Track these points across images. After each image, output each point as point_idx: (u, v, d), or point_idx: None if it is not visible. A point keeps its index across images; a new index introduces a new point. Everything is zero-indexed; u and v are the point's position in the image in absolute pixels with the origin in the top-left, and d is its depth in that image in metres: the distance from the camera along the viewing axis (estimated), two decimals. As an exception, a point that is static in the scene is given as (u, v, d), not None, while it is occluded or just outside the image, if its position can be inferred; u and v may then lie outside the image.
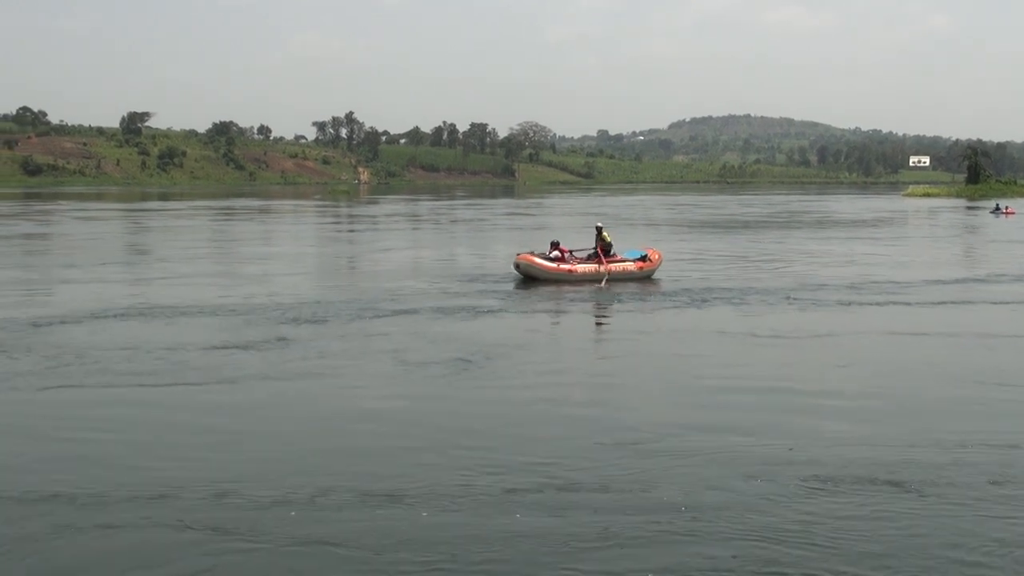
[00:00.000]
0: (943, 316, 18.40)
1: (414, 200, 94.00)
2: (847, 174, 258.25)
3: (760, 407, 11.36)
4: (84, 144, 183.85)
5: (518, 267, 23.28)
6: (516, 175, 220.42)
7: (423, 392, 12.23)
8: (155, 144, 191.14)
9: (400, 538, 7.40)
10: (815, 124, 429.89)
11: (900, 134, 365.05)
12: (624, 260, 24.04)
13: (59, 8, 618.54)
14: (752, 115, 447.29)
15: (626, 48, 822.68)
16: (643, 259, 24.22)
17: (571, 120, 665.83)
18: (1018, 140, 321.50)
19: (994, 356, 14.49)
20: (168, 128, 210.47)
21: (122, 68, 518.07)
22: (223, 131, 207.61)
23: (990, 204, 71.65)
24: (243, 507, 8.05)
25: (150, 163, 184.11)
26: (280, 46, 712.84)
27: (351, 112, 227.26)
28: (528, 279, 22.93)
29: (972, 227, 51.57)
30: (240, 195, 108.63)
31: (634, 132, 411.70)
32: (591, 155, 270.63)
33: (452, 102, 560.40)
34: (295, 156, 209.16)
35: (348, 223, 56.03)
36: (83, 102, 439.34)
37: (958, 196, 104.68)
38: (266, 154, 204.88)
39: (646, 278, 23.78)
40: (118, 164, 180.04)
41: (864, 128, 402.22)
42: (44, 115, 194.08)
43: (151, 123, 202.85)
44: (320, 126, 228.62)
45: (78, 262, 28.49)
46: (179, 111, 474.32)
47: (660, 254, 25.08)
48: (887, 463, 9.12)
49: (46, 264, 29.01)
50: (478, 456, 9.39)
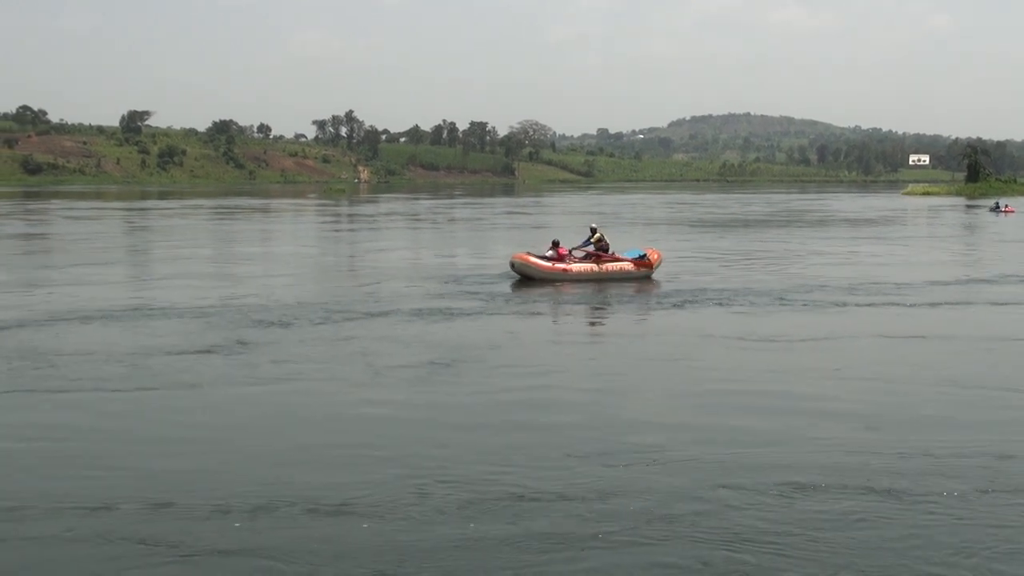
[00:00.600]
0: (939, 318, 18.12)
1: (412, 199, 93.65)
2: (847, 173, 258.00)
3: (745, 412, 11.14)
4: (84, 143, 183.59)
5: (513, 266, 23.18)
6: (516, 174, 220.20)
7: (388, 398, 11.88)
8: (155, 143, 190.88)
9: (343, 549, 7.19)
10: (815, 123, 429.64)
11: (900, 133, 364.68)
12: (622, 260, 23.88)
13: (59, 7, 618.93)
14: (752, 114, 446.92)
15: (626, 47, 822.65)
16: (641, 259, 23.99)
17: (571, 119, 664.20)
18: (1018, 139, 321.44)
19: (989, 360, 14.19)
20: (168, 127, 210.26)
21: (122, 67, 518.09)
22: (223, 130, 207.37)
23: (990, 202, 71.75)
24: (181, 517, 7.77)
25: (150, 162, 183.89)
26: (280, 45, 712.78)
27: (351, 111, 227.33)
28: (524, 278, 22.81)
29: (972, 226, 51.51)
30: (237, 194, 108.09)
31: (634, 131, 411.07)
32: (591, 154, 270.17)
33: (452, 101, 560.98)
34: (295, 155, 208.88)
35: (342, 222, 55.74)
36: (83, 101, 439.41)
37: (958, 195, 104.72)
38: (266, 153, 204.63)
39: (644, 278, 23.58)
40: (118, 163, 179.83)
41: (864, 127, 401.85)
42: (44, 114, 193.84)
43: (151, 122, 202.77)
44: (320, 125, 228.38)
45: (56, 263, 28.26)
46: (179, 110, 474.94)
47: (659, 254, 24.84)
48: (871, 470, 8.93)
49: (22, 265, 28.16)
50: (438, 464, 9.11)
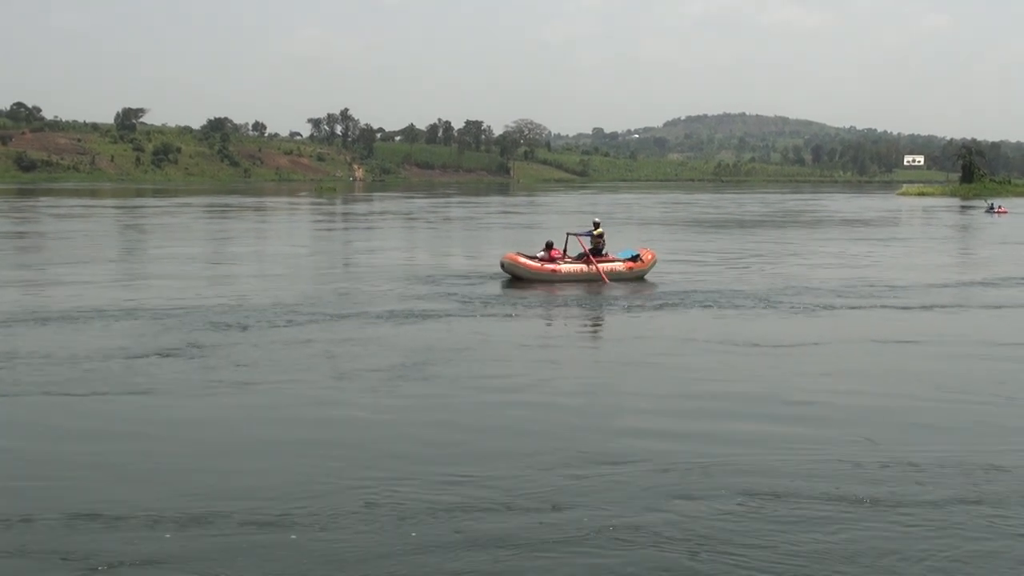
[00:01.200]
0: (930, 322, 17.76)
1: (404, 198, 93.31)
2: (842, 173, 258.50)
3: (722, 417, 10.82)
4: (78, 140, 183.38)
5: (503, 266, 22.95)
6: (511, 173, 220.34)
7: (344, 402, 11.43)
8: (149, 140, 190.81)
9: (273, 560, 6.94)
10: (810, 123, 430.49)
11: (895, 133, 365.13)
12: (614, 260, 23.53)
13: (54, 4, 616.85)
14: (747, 114, 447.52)
15: (622, 46, 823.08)
16: (634, 259, 23.61)
17: (566, 118, 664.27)
18: (1012, 140, 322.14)
19: (980, 366, 13.79)
20: (163, 124, 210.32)
21: (117, 64, 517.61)
22: (218, 127, 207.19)
23: (984, 203, 72.10)
24: (110, 529, 7.42)
25: (144, 159, 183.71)
26: (275, 43, 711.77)
27: (346, 109, 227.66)
28: (514, 279, 22.57)
29: (965, 227, 51.57)
30: (230, 192, 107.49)
31: (629, 130, 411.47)
32: (586, 153, 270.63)
33: (447, 100, 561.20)
34: (290, 153, 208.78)
35: (331, 221, 55.24)
36: (78, 98, 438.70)
37: (952, 195, 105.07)
38: (261, 151, 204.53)
39: (637, 279, 23.22)
40: (112, 160, 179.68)
41: (859, 127, 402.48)
42: (38, 111, 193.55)
43: (145, 119, 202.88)
44: (315, 123, 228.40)
45: (31, 262, 27.83)
46: (174, 107, 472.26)
47: (653, 254, 24.42)
48: (847, 477, 8.68)
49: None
50: (387, 471, 8.78)
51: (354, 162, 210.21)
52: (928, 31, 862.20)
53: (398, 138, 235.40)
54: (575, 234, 23.99)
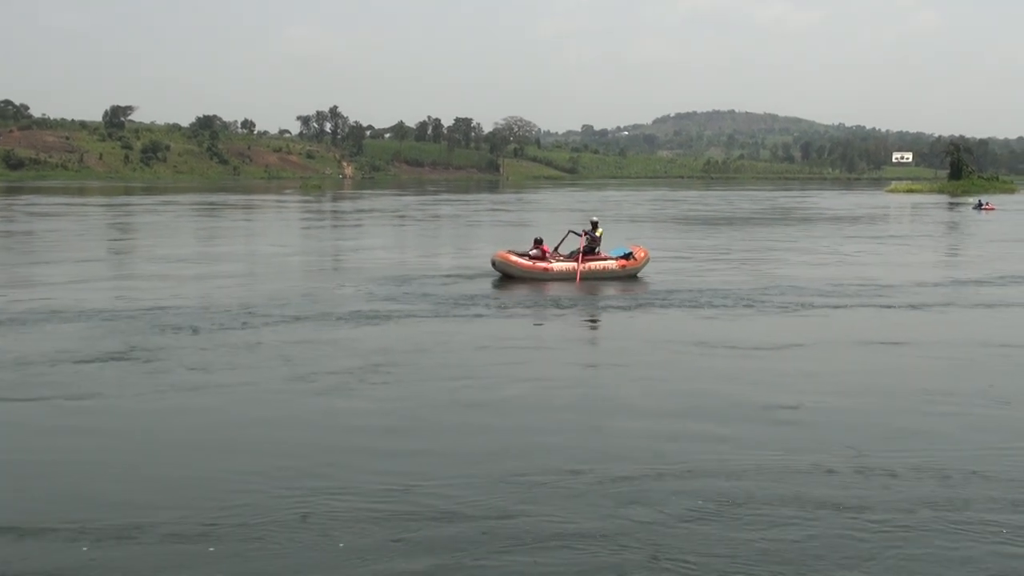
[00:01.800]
0: (916, 321, 17.45)
1: (388, 195, 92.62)
2: (831, 170, 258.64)
3: (690, 421, 10.48)
4: (67, 138, 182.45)
5: (495, 264, 22.77)
6: (501, 170, 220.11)
7: (288, 408, 11.01)
8: (138, 138, 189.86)
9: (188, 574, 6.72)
10: (799, 120, 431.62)
11: (883, 130, 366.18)
12: (606, 258, 23.24)
13: (42, 2, 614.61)
14: (736, 111, 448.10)
15: (611, 44, 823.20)
16: (627, 257, 23.29)
17: (556, 115, 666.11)
18: (1000, 136, 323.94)
19: (966, 368, 13.51)
20: (151, 122, 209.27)
21: (105, 62, 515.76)
22: (207, 125, 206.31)
23: (972, 200, 72.59)
24: (23, 544, 7.10)
25: (133, 157, 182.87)
26: (265, 40, 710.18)
27: (335, 106, 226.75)
28: (505, 277, 22.32)
29: (955, 224, 51.72)
30: (216, 190, 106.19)
31: (619, 127, 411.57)
32: (576, 150, 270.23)
33: (437, 97, 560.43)
34: (279, 150, 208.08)
35: (314, 220, 54.16)
36: (66, 96, 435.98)
37: (941, 192, 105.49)
38: (250, 148, 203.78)
39: (630, 277, 22.92)
40: (101, 158, 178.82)
41: (848, 124, 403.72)
42: (26, 108, 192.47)
43: (134, 117, 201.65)
44: (304, 120, 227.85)
45: None
46: (162, 105, 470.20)
47: (646, 252, 24.04)
48: (815, 482, 8.46)
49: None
50: (324, 480, 8.47)
51: (343, 159, 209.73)
52: (918, 29, 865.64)
53: (388, 135, 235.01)
54: (577, 232, 23.74)
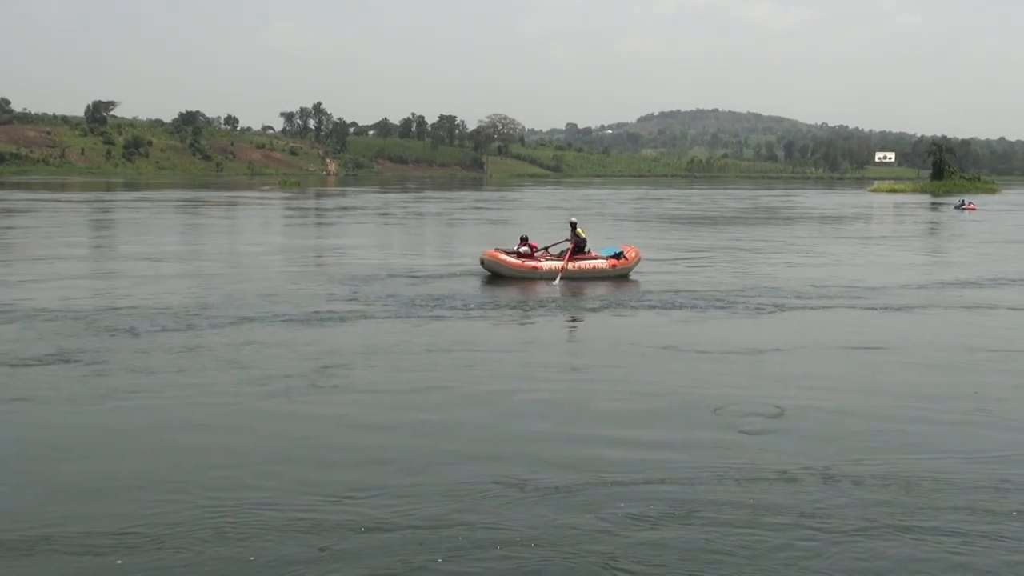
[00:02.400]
0: (896, 324, 17.18)
1: (372, 192, 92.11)
2: (814, 169, 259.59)
3: (644, 429, 10.06)
4: (48, 133, 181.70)
5: (483, 263, 22.49)
6: (485, 168, 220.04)
7: (222, 414, 10.51)
8: (120, 133, 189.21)
9: None
10: (782, 119, 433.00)
11: (866, 130, 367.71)
12: (596, 258, 22.86)
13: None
14: (720, 110, 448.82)
15: (596, 42, 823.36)
16: (618, 257, 22.86)
17: (540, 113, 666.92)
18: (982, 137, 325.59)
19: (946, 374, 13.20)
20: (134, 117, 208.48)
21: (87, 56, 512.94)
22: (189, 121, 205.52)
23: (954, 200, 73.10)
24: None
25: (115, 152, 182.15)
26: (248, 36, 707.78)
27: (319, 103, 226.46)
28: (494, 276, 22.04)
29: (938, 223, 51.94)
30: (196, 186, 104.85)
31: (603, 126, 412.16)
32: (560, 148, 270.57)
33: (421, 94, 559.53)
34: (262, 147, 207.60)
35: (289, 218, 52.91)
36: (47, 90, 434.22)
37: (923, 192, 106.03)
38: (233, 144, 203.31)
39: (620, 277, 22.52)
40: (82, 153, 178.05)
41: (831, 124, 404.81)
42: (7, 103, 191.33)
43: (116, 112, 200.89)
44: (288, 117, 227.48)
45: None
46: (145, 100, 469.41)
47: (637, 251, 23.63)
48: (771, 492, 8.18)
49: None
50: (246, 490, 8.10)
51: (327, 156, 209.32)
52: (901, 30, 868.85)
53: (371, 132, 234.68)
54: (555, 244, 23.44)
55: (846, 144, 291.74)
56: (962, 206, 64.52)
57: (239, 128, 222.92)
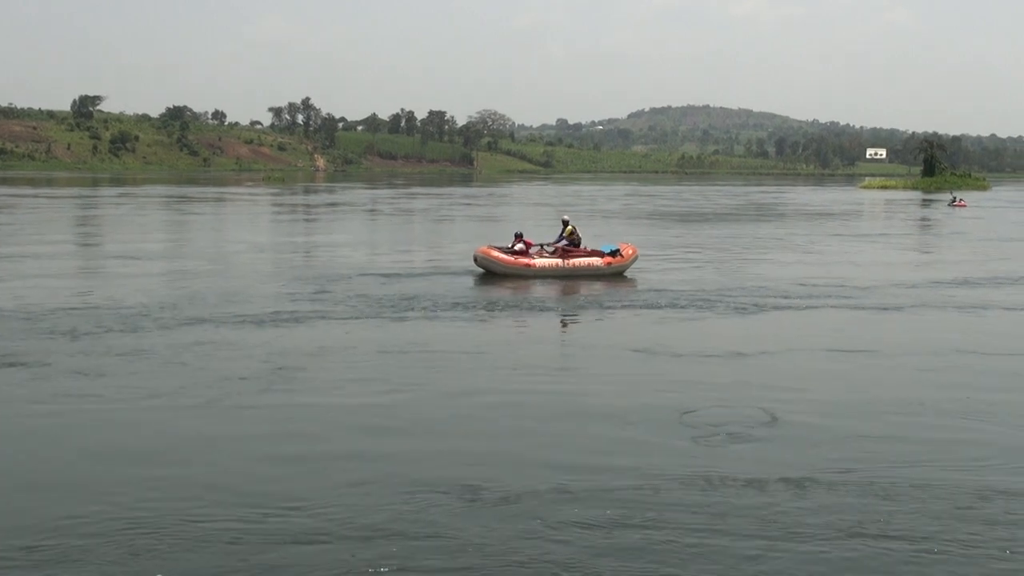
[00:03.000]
0: (887, 326, 16.77)
1: (360, 188, 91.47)
2: (805, 166, 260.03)
3: (599, 435, 9.65)
4: (34, 128, 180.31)
5: (476, 260, 22.17)
6: (475, 163, 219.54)
7: (161, 420, 10.05)
8: (107, 128, 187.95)
9: None
10: (773, 115, 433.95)
11: (857, 126, 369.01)
12: (592, 255, 22.52)
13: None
14: (711, 106, 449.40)
15: (587, 38, 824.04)
16: (614, 254, 22.52)
17: (530, 109, 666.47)
18: (973, 134, 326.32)
19: (936, 377, 12.83)
20: (120, 112, 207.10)
21: (74, 50, 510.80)
22: (177, 116, 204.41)
23: (945, 196, 73.01)
24: None
25: (102, 147, 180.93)
26: (236, 30, 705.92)
27: (308, 98, 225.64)
28: (487, 273, 21.72)
29: (929, 220, 51.84)
30: (182, 181, 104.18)
31: (593, 121, 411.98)
32: (550, 144, 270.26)
33: (410, 89, 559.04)
34: (250, 142, 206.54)
35: (271, 214, 51.70)
36: (33, 85, 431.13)
37: (914, 188, 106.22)
38: (221, 140, 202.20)
39: (617, 275, 22.20)
40: (69, 148, 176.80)
41: (822, 120, 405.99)
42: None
43: (103, 107, 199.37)
44: (276, 112, 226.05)
45: None
46: (132, 95, 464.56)
47: (635, 249, 23.27)
48: (740, 497, 7.88)
49: None
50: (170, 501, 7.69)
51: (316, 152, 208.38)
52: (891, 26, 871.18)
53: (360, 128, 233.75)
54: (549, 244, 22.99)
55: (837, 140, 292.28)
56: (953, 203, 64.34)
57: (227, 123, 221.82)
